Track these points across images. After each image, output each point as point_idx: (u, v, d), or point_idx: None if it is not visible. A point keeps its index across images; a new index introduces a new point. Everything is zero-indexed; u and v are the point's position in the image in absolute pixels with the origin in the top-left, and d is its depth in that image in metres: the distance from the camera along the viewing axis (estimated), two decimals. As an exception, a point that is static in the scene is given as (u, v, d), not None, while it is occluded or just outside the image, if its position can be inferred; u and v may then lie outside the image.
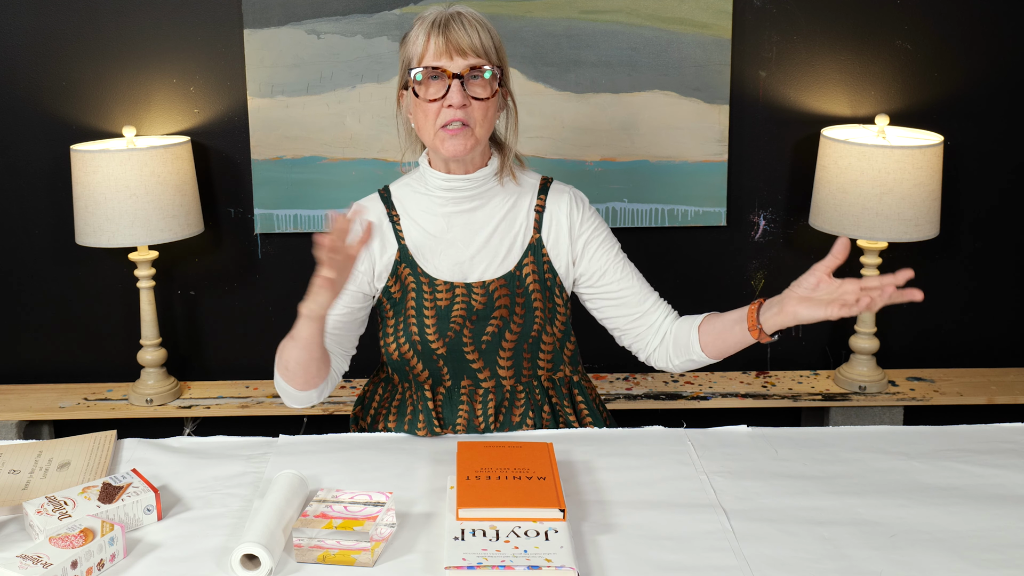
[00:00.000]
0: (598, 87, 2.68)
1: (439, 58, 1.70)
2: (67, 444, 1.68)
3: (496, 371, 1.83)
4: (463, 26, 1.70)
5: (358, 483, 1.57)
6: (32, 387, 2.81)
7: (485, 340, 1.82)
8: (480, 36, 1.71)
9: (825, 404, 2.70)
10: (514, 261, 1.83)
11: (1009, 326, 2.91)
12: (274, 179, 2.71)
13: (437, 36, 1.70)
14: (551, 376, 1.88)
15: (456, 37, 1.69)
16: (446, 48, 1.69)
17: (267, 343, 2.86)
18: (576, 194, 1.88)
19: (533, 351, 1.84)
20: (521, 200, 1.84)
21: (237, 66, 2.67)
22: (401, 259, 1.82)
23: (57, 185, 2.71)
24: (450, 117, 1.70)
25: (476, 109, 1.72)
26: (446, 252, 1.82)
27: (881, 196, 2.50)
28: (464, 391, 1.84)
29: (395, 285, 1.83)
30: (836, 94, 2.74)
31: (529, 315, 1.82)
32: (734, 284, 2.85)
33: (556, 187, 1.87)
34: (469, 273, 1.82)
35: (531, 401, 1.85)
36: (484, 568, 1.28)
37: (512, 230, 1.83)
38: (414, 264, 1.82)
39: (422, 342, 1.81)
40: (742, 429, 1.75)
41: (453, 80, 1.69)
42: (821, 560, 1.36)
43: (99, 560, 1.33)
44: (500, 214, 1.82)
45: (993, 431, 1.75)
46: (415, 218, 1.83)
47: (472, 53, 1.70)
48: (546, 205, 1.84)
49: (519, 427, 1.84)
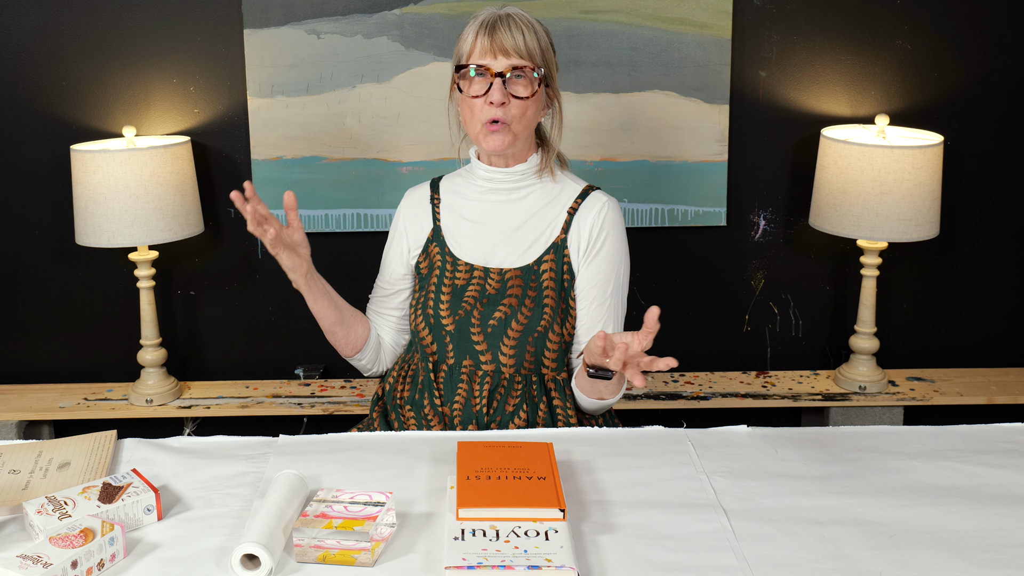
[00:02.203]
0: (598, 87, 2.68)
1: (484, 57, 1.81)
2: (67, 444, 1.68)
3: (498, 357, 1.88)
4: (509, 28, 1.80)
5: (358, 483, 1.57)
6: (32, 387, 2.81)
7: (491, 325, 1.87)
8: (526, 38, 1.80)
9: (825, 404, 2.70)
10: (535, 256, 1.90)
11: (1009, 326, 2.91)
12: (274, 179, 2.71)
13: (484, 36, 1.81)
14: (555, 376, 1.90)
15: (501, 38, 1.80)
16: (491, 48, 1.80)
17: (267, 343, 2.87)
18: (609, 207, 1.90)
19: (538, 345, 1.88)
20: (558, 200, 1.92)
21: (237, 66, 2.67)
22: (433, 238, 1.96)
23: (57, 185, 2.71)
24: (490, 115, 1.81)
25: (515, 107, 1.81)
26: (474, 236, 1.92)
27: (881, 196, 2.50)
28: (465, 370, 1.89)
29: (424, 262, 1.96)
30: (836, 94, 2.74)
31: (538, 310, 1.87)
32: (734, 284, 2.85)
33: (596, 195, 1.92)
34: (490, 259, 1.91)
35: (527, 395, 1.89)
36: (484, 568, 1.28)
37: (540, 226, 1.91)
38: (443, 243, 1.94)
39: (435, 316, 1.90)
40: (742, 429, 1.75)
41: (496, 78, 1.80)
42: (821, 560, 1.36)
43: (99, 560, 1.33)
44: (533, 209, 1.91)
45: (993, 431, 1.74)
46: (453, 203, 1.96)
47: (515, 54, 1.80)
48: (579, 209, 1.90)
49: (512, 417, 1.88)
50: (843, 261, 2.84)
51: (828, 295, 2.88)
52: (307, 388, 2.80)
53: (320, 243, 2.66)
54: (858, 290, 2.73)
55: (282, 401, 2.73)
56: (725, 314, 2.88)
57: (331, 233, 2.76)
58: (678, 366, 1.58)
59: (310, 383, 2.83)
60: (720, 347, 2.90)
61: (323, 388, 2.79)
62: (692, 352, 2.88)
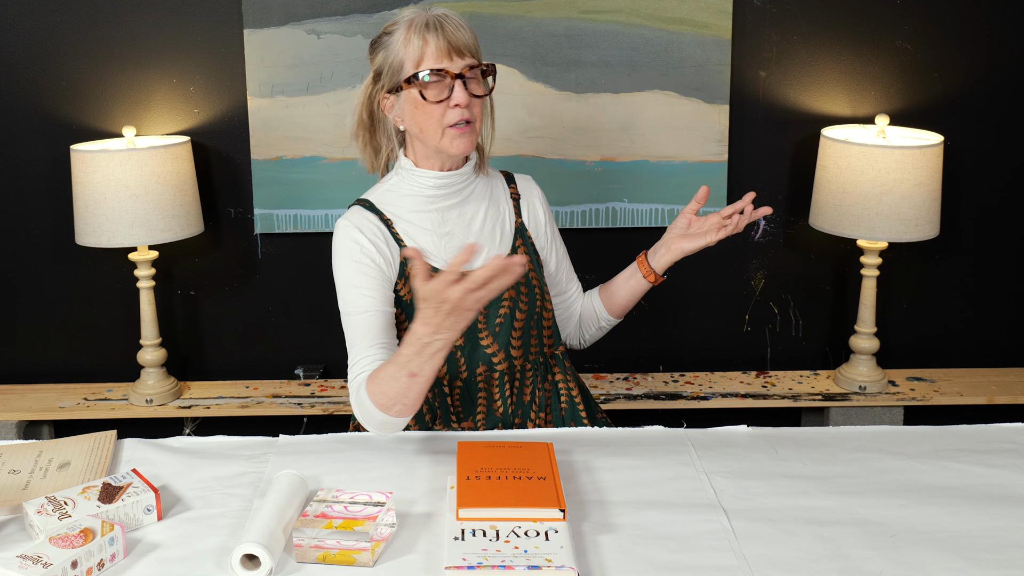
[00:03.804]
0: (598, 87, 2.68)
1: (440, 60, 1.73)
2: (67, 444, 1.68)
3: (509, 352, 1.87)
4: (456, 27, 1.75)
5: (358, 483, 1.57)
6: (32, 387, 2.81)
7: (499, 323, 1.86)
8: (469, 35, 1.77)
9: (825, 404, 2.70)
10: (508, 244, 1.91)
11: (1009, 326, 2.91)
12: (274, 179, 2.71)
13: (436, 38, 1.73)
14: (554, 351, 1.94)
15: (455, 38, 1.74)
16: (447, 50, 1.73)
17: (267, 343, 2.87)
18: (535, 183, 2.00)
19: (539, 327, 1.90)
20: (496, 190, 1.94)
21: (237, 66, 2.67)
22: (407, 261, 1.82)
23: (57, 185, 2.71)
24: (458, 117, 1.75)
25: (476, 106, 1.78)
26: (447, 245, 1.85)
27: (881, 196, 2.50)
28: (481, 378, 1.87)
29: (404, 287, 1.82)
30: (836, 94, 2.74)
31: (532, 293, 1.89)
32: (734, 284, 2.85)
33: (520, 176, 1.99)
34: (474, 261, 1.85)
35: (537, 378, 1.91)
36: (484, 568, 1.28)
37: (499, 216, 1.91)
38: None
39: None
40: (742, 429, 1.75)
41: (456, 80, 1.74)
42: (821, 560, 1.36)
43: (99, 560, 1.33)
44: (485, 203, 1.90)
45: (993, 431, 1.74)
46: (408, 219, 1.85)
47: (468, 53, 1.76)
48: (520, 192, 1.95)
49: (529, 407, 1.89)
50: (843, 261, 2.84)
51: (828, 295, 2.88)
52: (307, 388, 2.80)
53: (320, 243, 2.66)
54: (858, 290, 2.73)
55: (282, 401, 2.73)
56: (725, 314, 2.88)
57: (331, 233, 2.75)
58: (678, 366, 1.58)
59: (310, 383, 2.83)
60: (720, 347, 2.90)
61: (323, 388, 2.79)
62: (692, 352, 2.88)
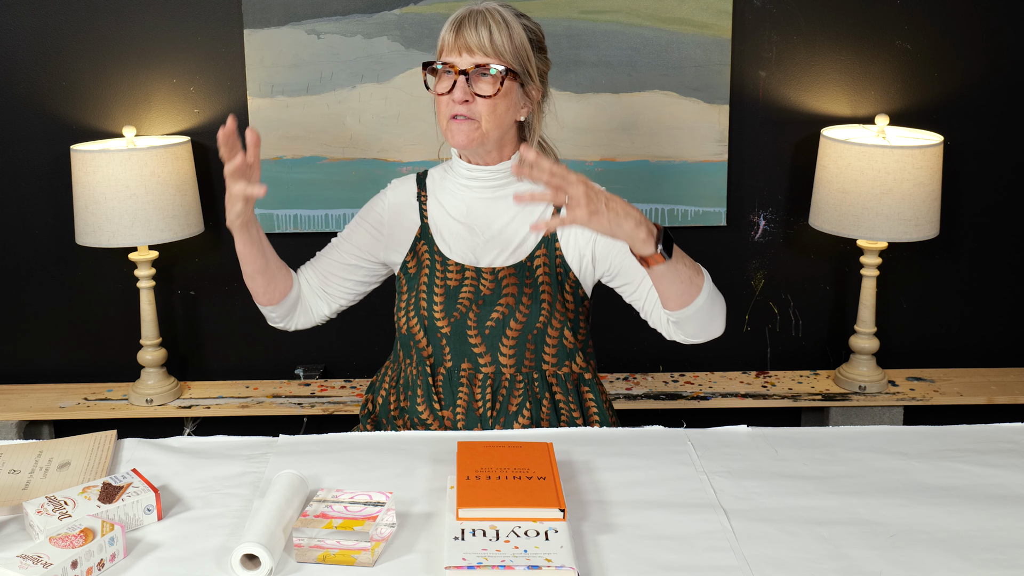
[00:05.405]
0: (598, 87, 2.68)
1: (450, 54, 1.78)
2: (67, 444, 1.68)
3: (497, 358, 1.86)
4: (476, 25, 1.76)
5: (358, 483, 1.57)
6: (32, 387, 2.82)
7: (489, 326, 1.85)
8: (492, 35, 1.76)
9: (825, 404, 2.70)
10: (527, 252, 1.87)
11: (1009, 326, 2.91)
12: (274, 179, 2.71)
13: (452, 33, 1.78)
14: (556, 371, 1.89)
15: (466, 35, 1.76)
16: (455, 46, 1.77)
17: (267, 343, 2.87)
18: None
19: (537, 343, 1.86)
20: None
21: (237, 66, 2.67)
22: (421, 236, 1.91)
23: (57, 185, 2.71)
24: (453, 111, 1.78)
25: (481, 105, 1.78)
26: (463, 235, 1.88)
27: (881, 196, 2.50)
28: (464, 373, 1.87)
29: (412, 260, 1.91)
30: (836, 94, 2.74)
31: (536, 306, 1.85)
32: (734, 284, 2.85)
33: None
34: (481, 258, 1.88)
35: (529, 393, 1.87)
36: (484, 568, 1.28)
37: (528, 222, 1.87)
38: (432, 242, 1.90)
39: (429, 319, 1.87)
40: (742, 429, 1.75)
41: (459, 76, 1.76)
42: (821, 560, 1.36)
43: (99, 560, 1.33)
44: (519, 206, 1.87)
45: (993, 431, 1.74)
46: (441, 200, 1.91)
47: (480, 51, 1.76)
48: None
49: (516, 417, 1.86)
50: (843, 261, 2.84)
51: (828, 295, 2.88)
52: (307, 388, 2.80)
53: (320, 243, 2.66)
54: (858, 290, 2.73)
55: (282, 401, 2.73)
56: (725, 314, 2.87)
57: (331, 233, 2.75)
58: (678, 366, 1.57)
59: (310, 383, 2.83)
60: (720, 347, 2.88)
61: (323, 388, 2.79)
62: (692, 352, 2.88)
